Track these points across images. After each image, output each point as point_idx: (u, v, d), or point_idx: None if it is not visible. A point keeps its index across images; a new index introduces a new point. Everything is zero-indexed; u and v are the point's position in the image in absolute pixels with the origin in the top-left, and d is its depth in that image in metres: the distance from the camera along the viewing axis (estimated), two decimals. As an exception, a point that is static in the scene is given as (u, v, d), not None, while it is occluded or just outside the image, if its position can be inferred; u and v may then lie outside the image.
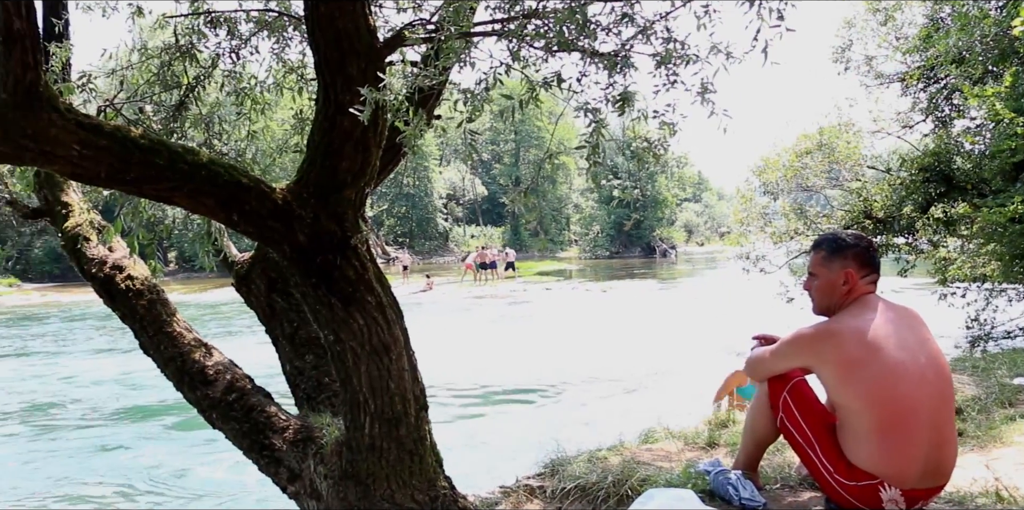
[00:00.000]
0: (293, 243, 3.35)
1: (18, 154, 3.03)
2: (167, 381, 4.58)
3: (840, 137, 13.58)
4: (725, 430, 5.82)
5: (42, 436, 14.96)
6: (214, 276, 51.85)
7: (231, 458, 11.53)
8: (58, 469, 12.90)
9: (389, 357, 3.45)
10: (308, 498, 3.93)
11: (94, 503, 10.80)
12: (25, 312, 37.82)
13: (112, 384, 19.49)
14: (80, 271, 4.77)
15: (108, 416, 16.42)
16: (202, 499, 10.74)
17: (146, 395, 17.74)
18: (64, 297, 47.20)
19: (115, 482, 11.78)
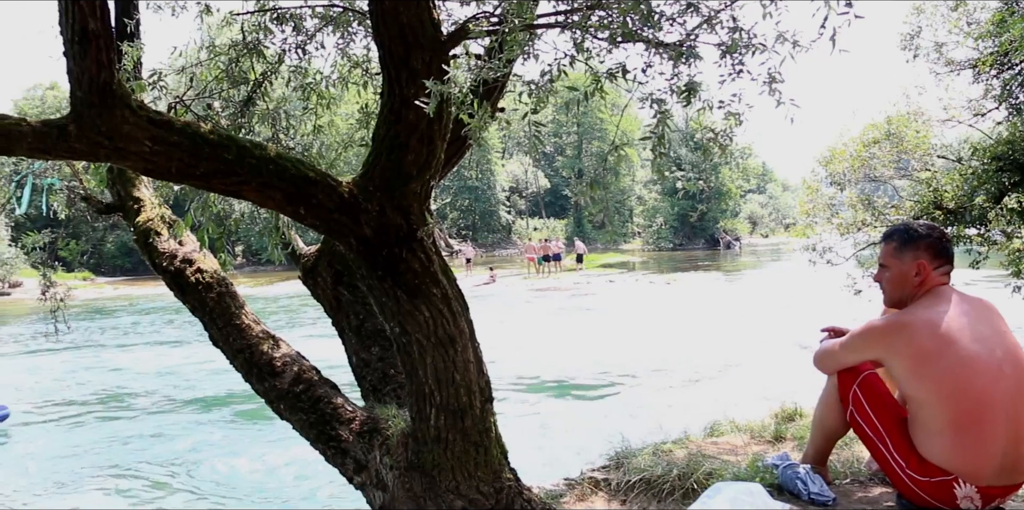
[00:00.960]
0: (359, 236, 3.38)
1: (93, 151, 3.10)
2: (233, 372, 4.66)
3: (909, 126, 13.29)
4: (792, 424, 5.75)
5: (108, 423, 15.37)
6: (280, 269, 52.65)
7: (283, 449, 11.76)
8: (115, 455, 13.25)
9: (455, 349, 3.47)
10: (374, 489, 3.97)
11: (144, 485, 11.07)
12: (98, 305, 38.76)
13: (178, 375, 19.95)
14: (151, 265, 4.87)
15: (173, 405, 16.80)
16: (248, 491, 10.96)
17: (211, 386, 18.11)
18: (135, 290, 48.27)
19: (169, 467, 12.07)
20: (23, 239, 5.90)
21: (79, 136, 3.06)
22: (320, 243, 4.72)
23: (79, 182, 5.57)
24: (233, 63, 4.75)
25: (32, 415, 16.72)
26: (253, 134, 4.70)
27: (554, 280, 36.57)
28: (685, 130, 62.47)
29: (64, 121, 3.08)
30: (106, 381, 19.99)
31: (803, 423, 5.65)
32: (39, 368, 22.84)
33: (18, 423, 15.80)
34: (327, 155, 5.14)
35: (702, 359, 17.07)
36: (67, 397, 18.53)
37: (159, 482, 11.61)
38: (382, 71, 3.39)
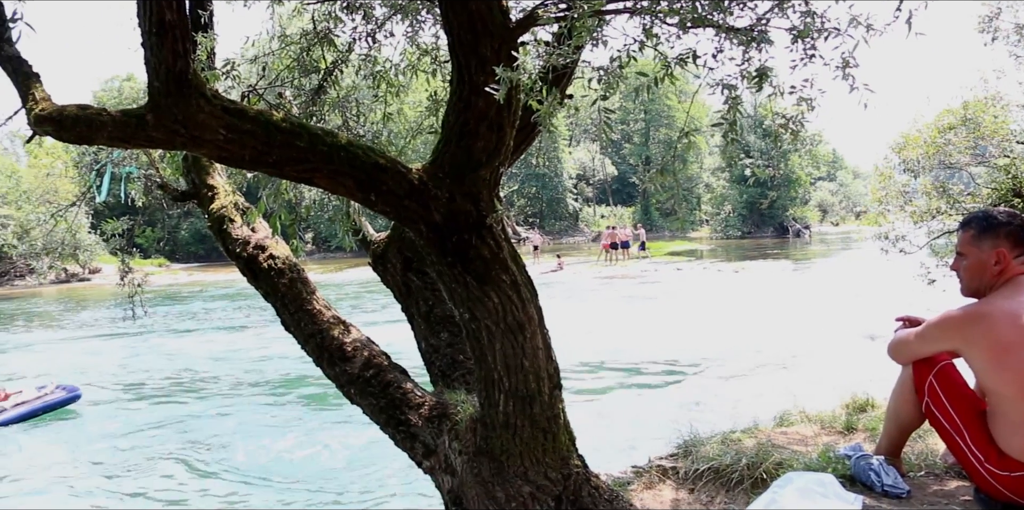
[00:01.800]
0: (429, 222, 3.40)
1: (170, 139, 3.17)
2: (299, 357, 4.73)
3: (986, 111, 12.95)
4: (863, 414, 5.66)
5: (175, 405, 15.75)
6: (349, 256, 53.30)
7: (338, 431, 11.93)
8: (178, 436, 13.57)
9: (523, 335, 3.48)
10: (443, 473, 4.01)
11: (203, 467, 11.30)
12: (172, 291, 39.67)
13: (246, 359, 20.35)
14: (225, 251, 4.96)
15: (239, 388, 17.14)
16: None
17: (278, 370, 18.44)
18: (208, 276, 49.27)
19: (229, 450, 12.32)
20: (103, 226, 6.05)
21: (156, 125, 3.13)
22: (390, 230, 4.76)
23: (155, 170, 5.69)
24: (304, 52, 4.80)
25: (103, 396, 17.28)
26: (324, 122, 4.76)
27: (621, 268, 36.43)
28: (754, 116, 61.64)
29: (142, 111, 3.15)
30: (176, 364, 20.50)
31: (875, 414, 5.57)
32: (113, 351, 23.50)
33: (89, 403, 16.35)
34: (396, 143, 5.18)
35: (770, 348, 16.89)
36: (137, 379, 19.07)
37: (219, 463, 11.86)
38: (451, 59, 3.40)
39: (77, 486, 11.56)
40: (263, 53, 4.99)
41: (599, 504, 3.80)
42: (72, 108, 3.29)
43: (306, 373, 17.76)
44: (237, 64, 4.61)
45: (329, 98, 4.89)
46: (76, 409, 15.95)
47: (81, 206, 6.87)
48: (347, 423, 13.30)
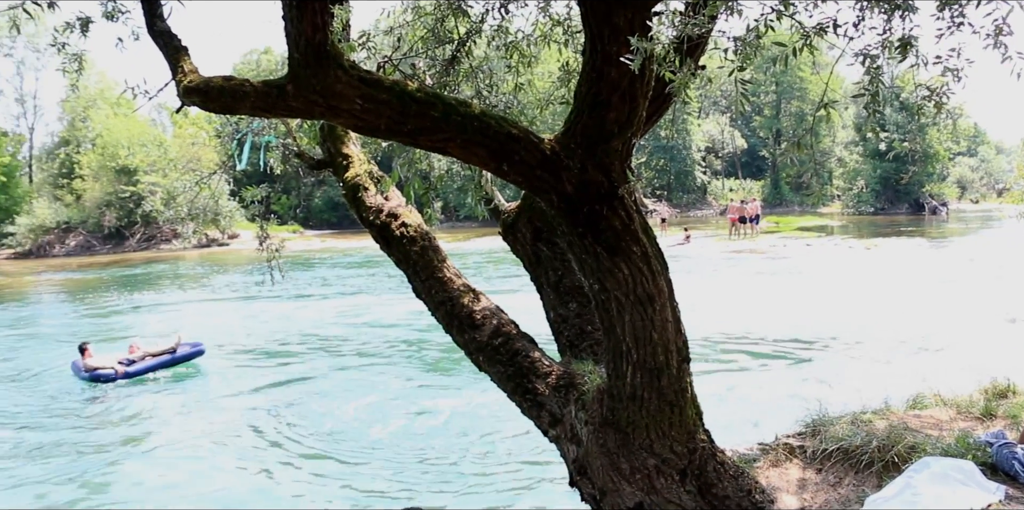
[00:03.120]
0: (561, 193, 3.41)
1: (308, 109, 3.26)
2: (421, 325, 4.81)
3: None
4: (1004, 401, 5.43)
5: (291, 365, 16.29)
6: (477, 226, 53.82)
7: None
8: (289, 396, 14.02)
9: (653, 307, 3.46)
10: (568, 442, 4.03)
11: (308, 428, 11.58)
12: (305, 256, 40.87)
13: (370, 325, 20.83)
14: (359, 218, 5.07)
15: (359, 351, 17.58)
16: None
17: (401, 336, 18.83)
18: (340, 243, 50.55)
19: (339, 412, 12.66)
20: (242, 193, 6.25)
21: (296, 95, 3.22)
22: (520, 200, 4.78)
23: (292, 139, 5.84)
24: (438, 23, 4.84)
25: (225, 353, 18.09)
26: (457, 92, 4.79)
27: (749, 242, 35.75)
28: (891, 88, 59.29)
29: (283, 81, 3.25)
30: (300, 327, 21.19)
31: (1017, 401, 5.34)
32: (242, 312, 24.45)
33: (212, 359, 17.18)
34: (527, 113, 5.19)
35: (903, 328, 16.33)
36: (262, 339, 19.84)
37: (327, 424, 12.20)
38: (584, 29, 3.38)
39: (190, 434, 12.16)
40: (397, 24, 5.06)
41: (724, 480, 3.77)
42: (217, 79, 3.42)
43: (425, 339, 18.11)
44: (372, 35, 4.68)
45: (462, 68, 4.92)
46: (200, 364, 16.79)
47: (222, 174, 7.12)
48: (463, 388, 13.54)
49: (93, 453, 11.60)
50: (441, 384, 14.53)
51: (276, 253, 6.16)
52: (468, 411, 12.54)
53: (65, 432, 12.67)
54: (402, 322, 20.59)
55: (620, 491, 3.75)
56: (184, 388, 15.27)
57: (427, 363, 16.26)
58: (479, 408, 12.53)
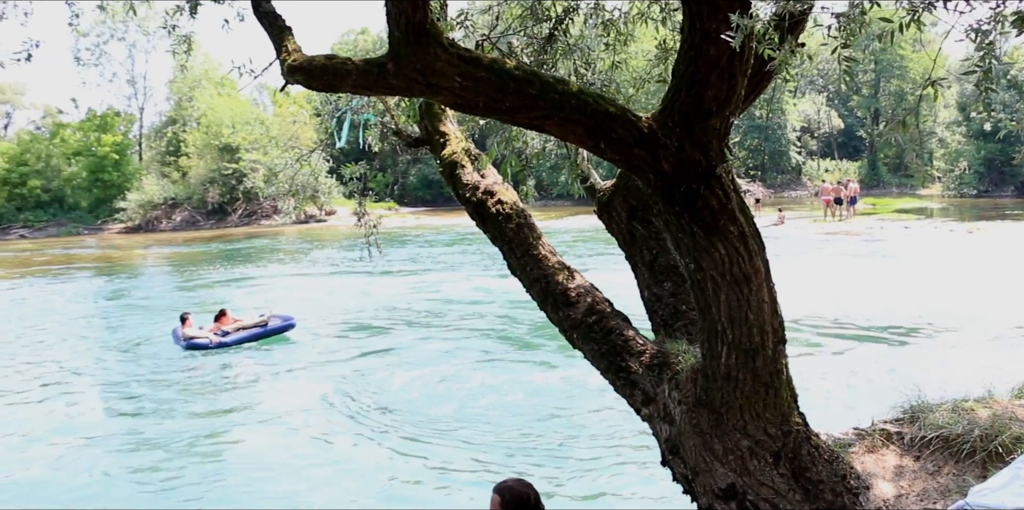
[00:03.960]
0: (658, 171, 3.39)
1: (408, 86, 3.30)
2: (509, 301, 4.84)
3: None
4: (1120, 392, 5.22)
5: (376, 338, 16.55)
6: (570, 204, 53.79)
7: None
8: (371, 369, 14.27)
9: (749, 288, 3.43)
10: (661, 421, 4.03)
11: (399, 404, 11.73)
12: (400, 233, 41.45)
13: (460, 301, 21.05)
14: (456, 195, 5.12)
15: (450, 327, 17.77)
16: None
17: (491, 311, 18.97)
18: (434, 221, 51.10)
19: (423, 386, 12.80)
20: (342, 170, 6.36)
21: (397, 73, 3.27)
22: (616, 178, 4.77)
23: (391, 117, 5.92)
24: (535, 1, 4.84)
25: (316, 326, 18.57)
26: (554, 70, 4.80)
27: (845, 224, 34.90)
28: (1001, 66, 56.83)
29: (383, 60, 3.30)
30: (390, 301, 21.59)
31: None
32: (338, 286, 25.01)
33: (303, 331, 17.67)
34: (624, 92, 5.16)
35: (1006, 315, 15.78)
36: (353, 314, 20.31)
37: (411, 397, 12.37)
38: (682, 6, 3.34)
39: (280, 403, 12.53)
40: (495, 3, 5.07)
41: (818, 464, 3.73)
42: (320, 58, 3.49)
43: (514, 315, 18.21)
44: (470, 14, 4.71)
45: (559, 47, 4.92)
46: (291, 336, 17.27)
47: (321, 152, 7.25)
48: (550, 365, 13.61)
49: (187, 418, 12.08)
50: (528, 360, 14.64)
51: (374, 229, 6.26)
52: (555, 388, 12.61)
53: (164, 398, 13.21)
54: (492, 299, 20.76)
55: (712, 472, 3.74)
56: (275, 359, 15.75)
57: (515, 340, 16.39)
58: (565, 384, 12.58)
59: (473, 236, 36.24)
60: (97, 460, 10.38)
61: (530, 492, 4.42)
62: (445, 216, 53.59)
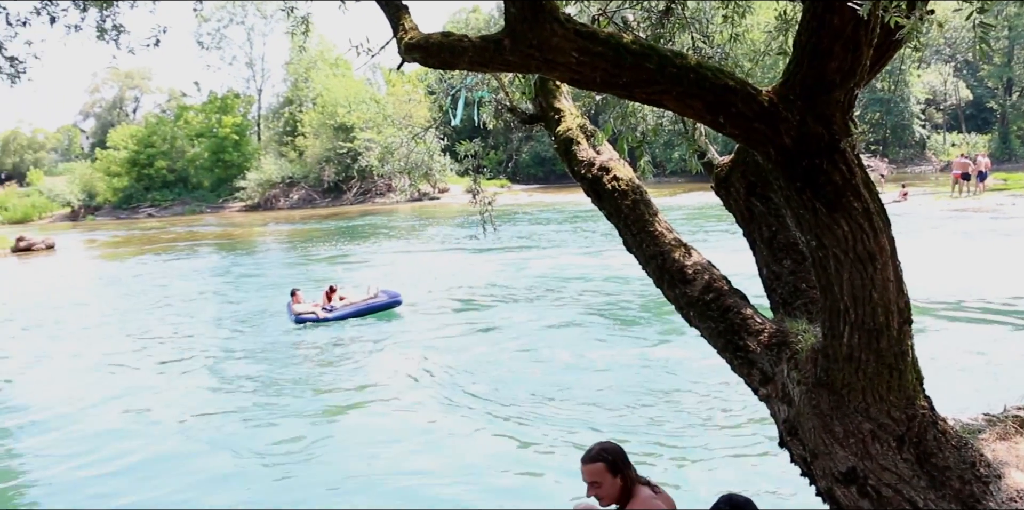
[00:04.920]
0: (778, 146, 3.30)
1: (525, 63, 3.30)
2: (622, 278, 4.79)
3: None
4: None
5: (482, 313, 16.66)
6: (683, 181, 53.23)
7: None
8: (476, 345, 14.36)
9: (874, 266, 3.32)
10: (779, 402, 3.95)
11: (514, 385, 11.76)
12: (512, 210, 41.66)
13: (568, 277, 21.07)
14: (571, 172, 5.09)
15: (562, 303, 17.78)
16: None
17: (602, 289, 18.92)
18: (546, 198, 51.25)
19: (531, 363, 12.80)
20: (456, 148, 6.42)
21: (513, 49, 3.26)
22: (734, 153, 4.67)
23: (505, 94, 5.92)
24: (652, -26, 4.77)
25: (424, 302, 18.93)
26: (672, 44, 4.72)
27: (974, 201, 33.52)
28: None
29: (499, 36, 3.30)
30: (500, 278, 21.79)
31: None
32: (449, 263, 25.38)
33: (411, 308, 18.03)
34: (742, 65, 5.05)
35: None
36: (461, 290, 20.57)
37: (521, 370, 12.39)
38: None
39: (385, 378, 12.80)
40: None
41: (945, 450, 3.60)
42: (436, 36, 3.51)
43: (623, 294, 18.12)
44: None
45: (676, 20, 4.83)
46: (399, 311, 17.64)
47: (435, 129, 7.32)
48: (659, 343, 13.50)
49: (296, 391, 12.48)
50: (634, 338, 14.58)
51: (489, 206, 6.29)
52: (661, 366, 12.53)
53: (275, 371, 13.70)
54: (602, 277, 20.72)
55: (832, 455, 3.66)
56: (381, 334, 16.12)
57: (622, 318, 16.33)
58: (672, 363, 12.49)
59: (586, 213, 36.23)
60: (216, 433, 10.80)
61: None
62: (557, 193, 53.71)
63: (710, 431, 9.68)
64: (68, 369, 14.63)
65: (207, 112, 69.16)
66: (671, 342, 13.70)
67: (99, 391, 12.93)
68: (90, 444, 10.43)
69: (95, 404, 12.26)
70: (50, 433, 10.96)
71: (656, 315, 15.86)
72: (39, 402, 12.57)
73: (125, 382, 13.50)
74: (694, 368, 11.98)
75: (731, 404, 10.33)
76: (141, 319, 19.38)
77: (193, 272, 27.85)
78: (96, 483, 9.20)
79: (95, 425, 11.23)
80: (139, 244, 40.18)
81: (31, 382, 13.95)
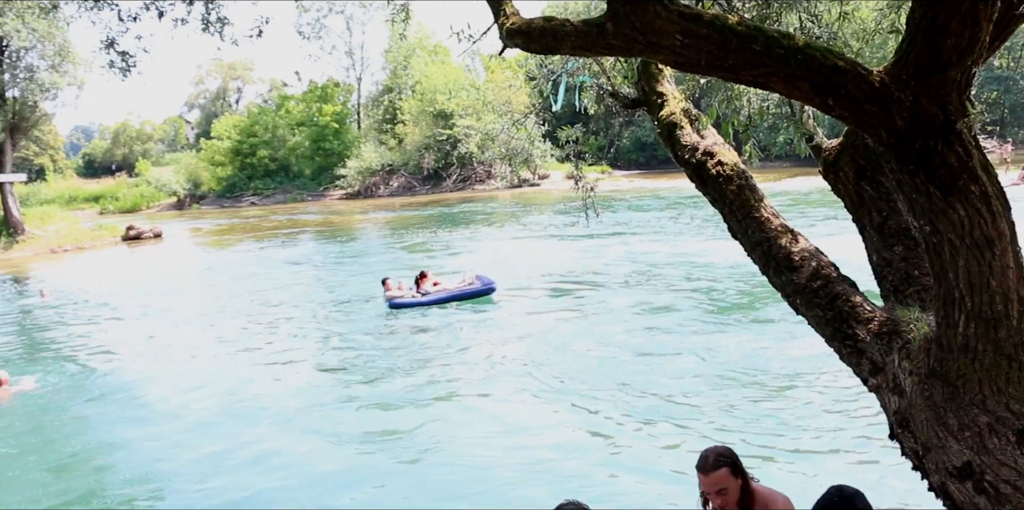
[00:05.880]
0: (890, 128, 3.19)
1: (628, 46, 3.25)
2: (729, 266, 4.70)
3: None
4: None
5: (581, 299, 16.55)
6: (788, 165, 52.21)
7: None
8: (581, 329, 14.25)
9: (992, 252, 3.19)
10: (889, 393, 3.84)
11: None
12: (614, 196, 41.54)
13: (671, 264, 20.87)
14: (674, 157, 5.02)
15: (665, 290, 17.59)
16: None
17: (706, 275, 18.67)
18: (647, 183, 50.89)
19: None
20: (558, 134, 6.40)
21: (615, 33, 3.22)
22: (842, 136, 4.54)
23: (606, 79, 5.86)
24: (757, -47, 4.65)
25: (520, 288, 18.99)
26: (778, 25, 4.60)
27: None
28: None
29: (602, 20, 3.26)
30: (598, 265, 21.74)
31: None
32: (547, 250, 25.38)
33: (506, 294, 18.10)
34: (852, 45, 4.90)
35: None
36: (558, 276, 20.53)
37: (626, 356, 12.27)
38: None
39: (476, 363, 12.86)
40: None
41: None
42: (539, 21, 3.49)
43: (722, 281, 17.85)
44: (688, -31, 4.57)
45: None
46: (497, 299, 17.77)
47: (534, 115, 7.30)
48: (759, 332, 13.25)
49: (389, 376, 12.66)
50: (739, 325, 14.37)
51: (591, 193, 6.26)
52: (759, 355, 12.33)
53: (369, 355, 13.94)
54: (702, 263, 20.49)
55: (946, 448, 3.54)
56: (477, 321, 16.20)
57: (720, 306, 16.11)
58: (779, 353, 12.27)
59: (687, 200, 35.89)
60: (318, 417, 11.01)
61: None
62: (658, 179, 53.29)
63: (815, 422, 9.49)
64: (176, 357, 15.09)
65: (308, 101, 70.44)
66: (772, 330, 13.48)
67: (205, 379, 13.28)
68: (197, 436, 10.64)
69: (200, 392, 12.57)
70: (160, 422, 11.24)
71: (757, 303, 15.63)
72: (151, 390, 12.98)
73: (230, 369, 13.89)
74: (797, 357, 11.77)
75: (837, 394, 10.11)
76: (245, 305, 19.96)
77: (294, 259, 28.53)
78: (204, 475, 9.38)
79: (200, 416, 11.45)
80: (242, 232, 41.28)
81: (144, 370, 14.40)
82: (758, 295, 16.03)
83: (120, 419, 11.51)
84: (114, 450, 10.41)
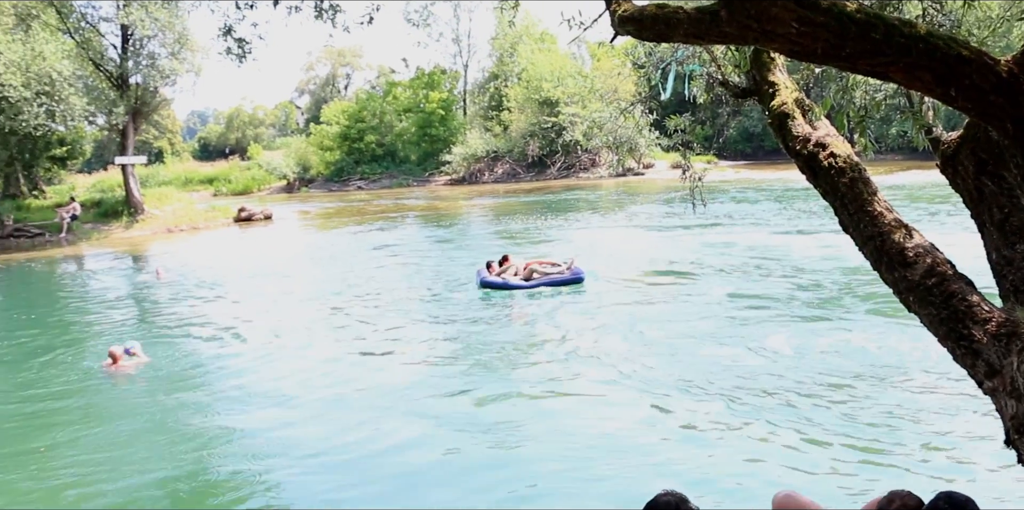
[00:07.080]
0: (1017, 120, 3.07)
1: (742, 34, 3.19)
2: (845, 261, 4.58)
3: None
4: None
5: (680, 292, 16.31)
6: (901, 158, 50.76)
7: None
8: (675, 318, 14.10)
9: (1123, 252, 3.05)
10: (1007, 397, 3.69)
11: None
12: (721, 188, 41.08)
13: (774, 258, 20.50)
14: (785, 148, 4.91)
15: (765, 284, 17.27)
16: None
17: (821, 268, 18.26)
18: (755, 174, 50.09)
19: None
20: (666, 122, 6.34)
21: (729, 20, 3.16)
22: (963, 129, 4.38)
23: (717, 68, 5.77)
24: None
25: (618, 277, 19.09)
26: (900, 12, 4.46)
27: None
28: None
29: (716, 7, 3.20)
30: (700, 256, 21.50)
31: None
32: (647, 239, 25.17)
33: (602, 282, 18.48)
34: (976, 34, 4.73)
35: None
36: (658, 266, 20.43)
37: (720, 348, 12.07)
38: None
39: (566, 351, 13.04)
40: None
41: None
42: (651, 8, 3.45)
43: (828, 275, 17.44)
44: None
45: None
46: (580, 287, 17.93)
47: (641, 104, 7.23)
48: (867, 330, 12.92)
49: (475, 363, 12.74)
50: (844, 321, 14.05)
51: (699, 182, 6.18)
52: (862, 353, 12.01)
53: (466, 343, 14.08)
54: (807, 256, 20.06)
55: (1066, 455, 3.40)
56: (572, 310, 16.20)
57: (833, 302, 15.74)
58: (887, 351, 11.95)
59: (794, 192, 35.20)
60: (411, 403, 11.10)
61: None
62: (765, 170, 52.41)
63: (925, 425, 9.19)
64: (288, 343, 15.24)
65: (414, 88, 71.17)
66: (879, 328, 13.12)
67: (310, 365, 13.44)
68: (302, 428, 10.53)
69: (303, 377, 12.69)
70: (268, 409, 11.23)
71: (863, 300, 15.24)
72: (264, 371, 13.23)
73: (341, 354, 14.08)
74: (906, 356, 11.43)
75: (948, 397, 9.78)
76: (352, 289, 20.33)
77: (399, 243, 28.97)
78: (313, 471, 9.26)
79: (306, 405, 11.41)
80: (349, 216, 42.03)
81: (256, 351, 14.66)
82: (861, 292, 15.66)
83: (217, 411, 11.54)
84: (225, 428, 10.60)
